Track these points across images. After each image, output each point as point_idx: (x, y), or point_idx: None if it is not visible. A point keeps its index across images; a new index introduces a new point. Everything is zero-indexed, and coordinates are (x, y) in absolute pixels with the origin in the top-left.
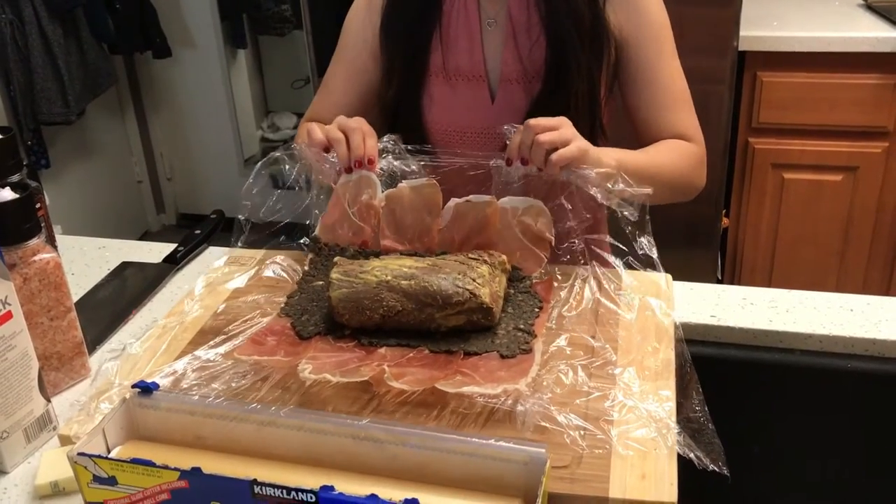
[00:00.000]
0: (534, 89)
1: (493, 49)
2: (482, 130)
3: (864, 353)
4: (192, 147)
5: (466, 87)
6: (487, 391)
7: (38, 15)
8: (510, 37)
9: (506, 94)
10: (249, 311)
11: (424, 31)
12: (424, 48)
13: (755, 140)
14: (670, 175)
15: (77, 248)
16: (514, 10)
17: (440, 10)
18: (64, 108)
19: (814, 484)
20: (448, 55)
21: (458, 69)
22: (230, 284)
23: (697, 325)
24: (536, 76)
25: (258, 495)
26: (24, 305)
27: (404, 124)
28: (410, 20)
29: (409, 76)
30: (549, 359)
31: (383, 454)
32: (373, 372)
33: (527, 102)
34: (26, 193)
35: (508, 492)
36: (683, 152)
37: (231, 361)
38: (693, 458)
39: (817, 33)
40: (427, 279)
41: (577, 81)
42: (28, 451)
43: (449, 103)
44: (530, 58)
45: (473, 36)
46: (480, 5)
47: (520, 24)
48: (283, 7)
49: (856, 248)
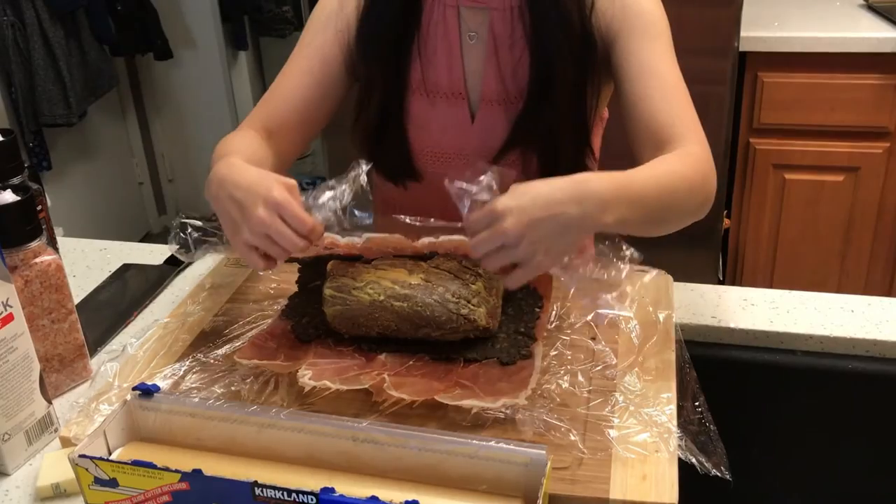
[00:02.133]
0: (516, 111)
1: (474, 65)
2: (461, 151)
3: (865, 354)
4: (194, 149)
5: (446, 105)
6: (487, 405)
7: (40, 16)
8: (492, 53)
9: (486, 115)
10: (250, 313)
11: (402, 43)
12: (403, 62)
13: (756, 140)
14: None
15: (78, 250)
16: (497, 22)
17: (419, 20)
18: (65, 110)
19: (815, 485)
20: (427, 70)
21: (438, 86)
22: (231, 285)
23: (698, 326)
24: (519, 96)
25: (259, 497)
26: (25, 307)
27: (387, 145)
28: (386, 30)
29: (389, 92)
30: (550, 364)
31: (384, 456)
32: (373, 381)
33: (508, 125)
34: (27, 195)
35: (509, 493)
36: (686, 161)
37: (231, 364)
38: (695, 464)
39: (818, 34)
40: (420, 302)
41: (562, 101)
42: (29, 453)
43: (428, 122)
44: (513, 77)
45: (453, 50)
46: (461, 17)
47: (502, 39)
48: (284, 9)
49: (857, 249)
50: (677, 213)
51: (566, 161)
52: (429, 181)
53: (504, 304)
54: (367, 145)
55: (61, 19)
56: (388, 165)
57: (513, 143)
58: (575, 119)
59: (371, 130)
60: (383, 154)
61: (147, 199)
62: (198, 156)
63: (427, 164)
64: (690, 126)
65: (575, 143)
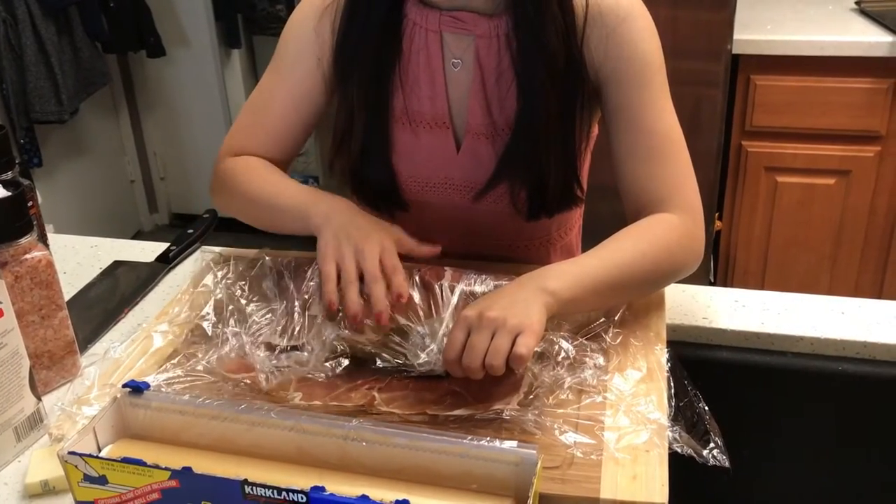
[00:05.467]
0: (503, 143)
1: (458, 93)
2: (447, 181)
3: (855, 356)
4: (186, 147)
5: (429, 134)
6: (478, 413)
7: (32, 13)
8: (479, 84)
9: (472, 144)
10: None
11: (382, 72)
12: (384, 91)
13: (748, 143)
14: (644, 273)
15: (69, 247)
16: (483, 50)
17: (399, 47)
18: (57, 107)
19: (805, 486)
20: (409, 99)
21: (421, 115)
22: (219, 286)
23: (689, 327)
24: (507, 128)
25: (249, 495)
26: (15, 304)
27: (371, 175)
28: (365, 57)
29: (370, 122)
30: (541, 367)
31: (374, 455)
32: (363, 398)
33: (494, 157)
34: (18, 191)
35: (499, 492)
36: (660, 235)
37: (218, 379)
38: (693, 455)
39: (811, 37)
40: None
41: (549, 136)
42: (18, 450)
43: (412, 151)
44: (501, 109)
45: (436, 79)
46: (444, 43)
47: (489, 68)
48: (277, 7)
49: (848, 252)
50: (640, 290)
51: (554, 194)
52: (416, 209)
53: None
54: (351, 175)
55: (53, 16)
56: (373, 195)
57: (500, 177)
58: (563, 152)
59: (354, 160)
60: (368, 184)
61: (139, 196)
62: (190, 154)
63: (413, 192)
64: (674, 189)
65: (563, 176)
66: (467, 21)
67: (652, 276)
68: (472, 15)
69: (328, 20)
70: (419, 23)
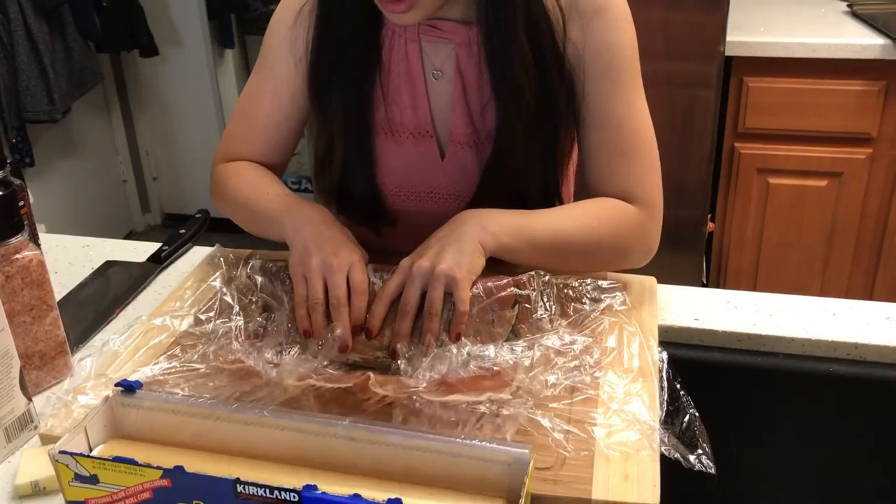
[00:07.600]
0: (485, 152)
1: (440, 102)
2: (432, 190)
3: (846, 357)
4: (178, 147)
5: (413, 143)
6: (472, 399)
7: (24, 12)
8: (460, 94)
9: (456, 152)
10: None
11: (362, 85)
12: (364, 104)
13: (741, 145)
14: (586, 244)
15: (61, 247)
16: (463, 60)
17: (378, 57)
18: (49, 106)
19: (796, 487)
20: (391, 110)
21: (403, 125)
22: (214, 284)
23: (681, 328)
24: (489, 139)
25: (241, 494)
26: (5, 303)
27: (355, 190)
28: (345, 73)
29: (351, 135)
30: (533, 363)
31: (367, 454)
32: (356, 379)
33: (478, 166)
34: (9, 191)
35: (491, 492)
36: (612, 216)
37: (212, 368)
38: (679, 459)
39: (803, 39)
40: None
41: (528, 146)
42: (8, 450)
43: (395, 162)
44: (482, 119)
45: (417, 89)
46: (424, 54)
47: (470, 79)
48: (271, 7)
49: (839, 253)
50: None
51: (536, 205)
52: (402, 223)
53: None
54: (336, 194)
55: (46, 15)
56: (358, 210)
57: (485, 186)
58: (545, 164)
59: (338, 178)
60: (353, 201)
61: (131, 196)
62: (183, 154)
63: (399, 204)
64: (637, 185)
65: (543, 189)
66: (445, 29)
67: (594, 251)
68: (450, 23)
69: (304, 23)
70: (398, 31)
